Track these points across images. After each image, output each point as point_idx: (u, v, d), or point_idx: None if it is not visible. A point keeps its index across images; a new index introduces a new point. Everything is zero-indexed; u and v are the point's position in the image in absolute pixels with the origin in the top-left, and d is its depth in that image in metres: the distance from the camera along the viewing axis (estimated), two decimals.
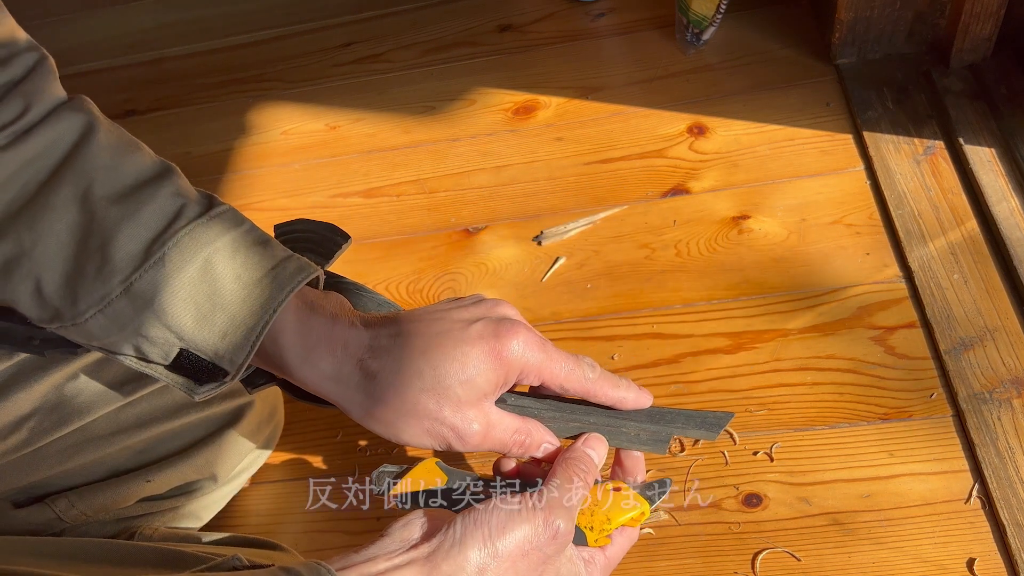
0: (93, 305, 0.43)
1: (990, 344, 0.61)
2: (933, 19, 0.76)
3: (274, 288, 0.44)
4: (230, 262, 0.44)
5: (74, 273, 0.43)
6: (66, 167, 0.43)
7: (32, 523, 0.55)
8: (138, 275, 0.43)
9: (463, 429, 0.45)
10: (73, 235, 0.43)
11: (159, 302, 0.43)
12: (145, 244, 0.43)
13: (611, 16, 0.93)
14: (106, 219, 0.43)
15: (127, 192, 0.43)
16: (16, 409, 0.53)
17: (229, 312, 0.44)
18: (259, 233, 0.46)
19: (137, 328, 0.44)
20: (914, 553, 0.54)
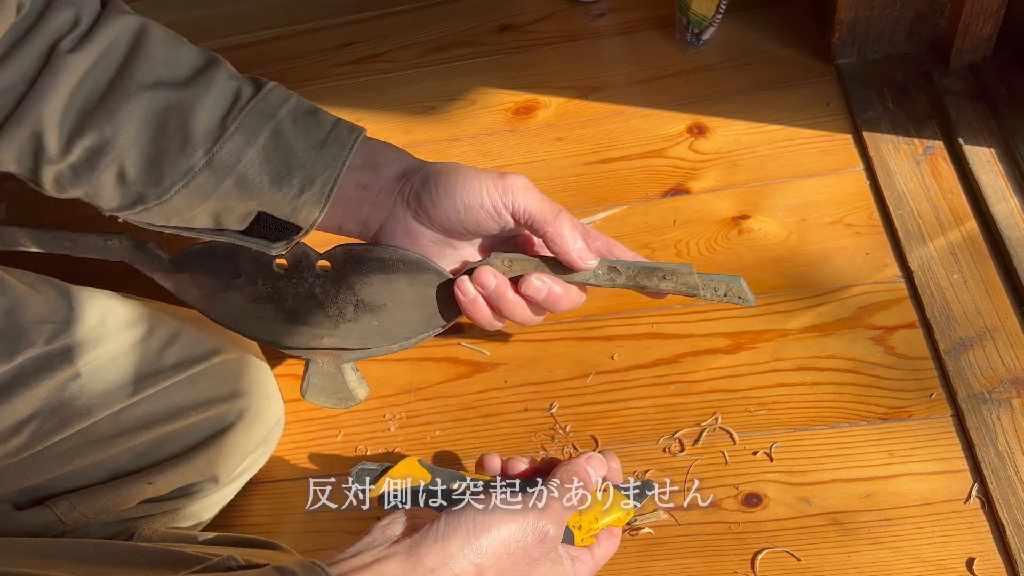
0: (178, 180, 0.49)
1: (989, 344, 0.61)
2: (933, 19, 0.76)
3: (337, 146, 0.50)
4: (295, 128, 0.50)
5: (155, 154, 0.49)
6: (131, 62, 0.48)
7: (33, 525, 0.56)
8: (219, 146, 0.48)
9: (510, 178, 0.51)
10: (150, 121, 0.48)
11: (239, 169, 0.49)
12: (219, 119, 0.49)
13: (611, 16, 0.93)
14: (180, 102, 0.48)
15: (190, 78, 0.49)
16: (17, 412, 0.53)
17: (304, 171, 0.50)
18: (306, 103, 0.52)
19: (220, 198, 0.50)
20: (913, 553, 0.54)
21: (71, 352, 0.55)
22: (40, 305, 0.55)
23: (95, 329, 0.57)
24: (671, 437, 0.62)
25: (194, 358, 0.60)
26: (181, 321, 0.62)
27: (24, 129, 0.47)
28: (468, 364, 0.69)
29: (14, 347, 0.53)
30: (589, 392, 0.65)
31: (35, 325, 0.54)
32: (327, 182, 0.50)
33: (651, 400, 0.64)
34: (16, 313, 0.54)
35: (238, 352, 0.63)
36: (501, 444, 0.64)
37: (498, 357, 0.69)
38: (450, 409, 0.67)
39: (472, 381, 0.68)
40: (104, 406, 0.56)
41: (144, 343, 0.59)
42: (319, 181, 0.50)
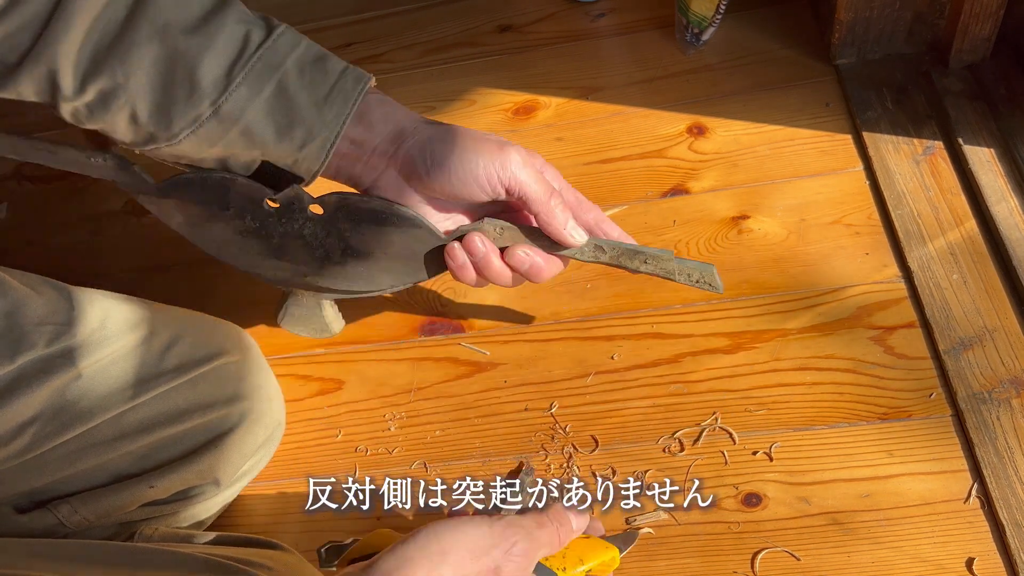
0: (186, 127, 0.50)
1: (989, 344, 0.61)
2: (932, 19, 0.76)
3: (340, 101, 0.51)
4: (300, 81, 0.51)
5: (165, 100, 0.49)
6: (140, 5, 0.48)
7: (35, 528, 0.56)
8: (224, 98, 0.49)
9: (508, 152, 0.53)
10: (159, 67, 0.49)
11: (244, 120, 0.50)
12: (226, 69, 0.49)
13: (611, 16, 0.93)
14: (188, 50, 0.49)
15: (199, 23, 0.49)
16: (18, 414, 0.53)
17: (305, 126, 0.51)
18: (316, 48, 0.52)
19: (226, 144, 0.52)
20: (913, 553, 0.54)
21: (72, 354, 0.55)
22: (41, 307, 0.55)
23: (96, 331, 0.57)
24: (671, 437, 0.62)
25: (195, 360, 0.60)
26: (183, 323, 0.62)
27: (41, 67, 0.48)
28: (468, 364, 0.69)
29: (15, 349, 0.53)
30: (589, 392, 0.65)
31: (36, 327, 0.55)
32: (328, 138, 0.52)
33: (651, 400, 0.64)
34: (17, 315, 0.54)
35: (239, 355, 0.63)
36: (501, 444, 0.64)
37: (498, 357, 0.69)
38: (450, 409, 0.67)
39: (472, 381, 0.68)
40: (105, 409, 0.56)
41: (145, 345, 0.59)
42: (320, 137, 0.51)
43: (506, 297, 0.72)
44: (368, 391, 0.69)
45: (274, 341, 0.73)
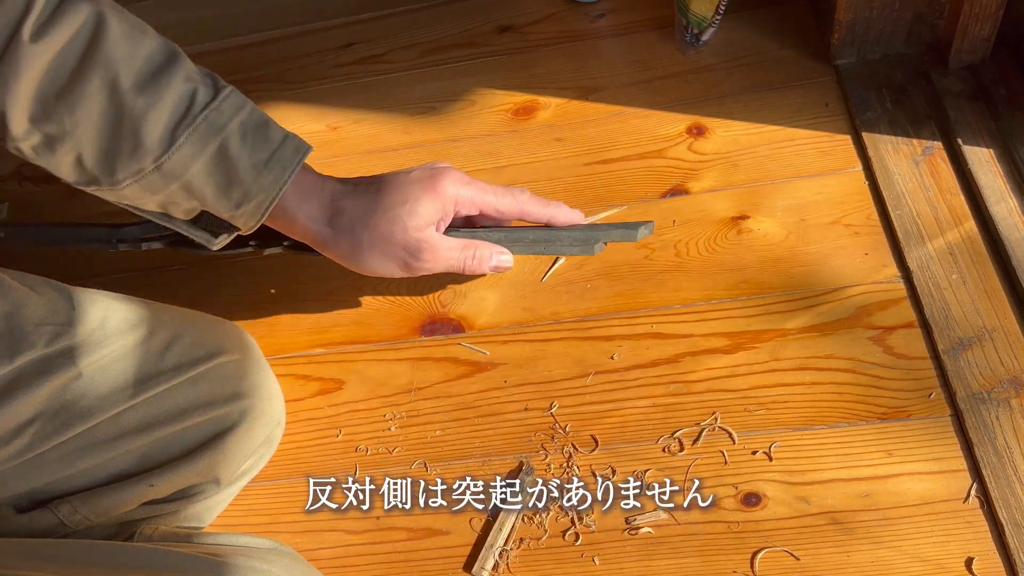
0: (129, 176, 0.52)
1: (988, 344, 0.61)
2: (932, 20, 0.76)
3: (279, 169, 0.54)
4: (242, 145, 0.53)
5: (110, 150, 0.51)
6: (90, 57, 0.49)
7: (35, 528, 0.56)
8: (167, 156, 0.51)
9: (413, 248, 0.57)
10: (106, 120, 0.50)
11: (186, 178, 0.52)
12: (170, 129, 0.51)
13: (611, 17, 0.93)
14: (134, 108, 0.50)
15: (147, 80, 0.51)
16: (18, 414, 0.53)
17: (243, 188, 0.54)
18: (259, 114, 0.55)
19: (167, 195, 0.54)
20: (912, 552, 0.54)
21: (72, 354, 0.55)
22: (41, 307, 0.56)
23: (96, 331, 0.57)
24: (671, 437, 0.62)
25: (195, 359, 0.60)
26: (182, 322, 0.62)
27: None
28: (468, 364, 0.69)
29: (15, 349, 0.53)
30: (589, 392, 0.65)
31: (36, 327, 0.55)
32: (263, 201, 0.54)
33: (651, 400, 0.64)
34: (16, 315, 0.54)
35: (239, 353, 0.63)
36: (501, 443, 0.64)
37: (498, 357, 0.69)
38: (450, 409, 0.67)
39: (472, 381, 0.68)
40: (105, 408, 0.56)
41: (145, 344, 0.59)
42: (255, 200, 0.54)
43: (506, 297, 0.72)
44: (368, 391, 0.69)
45: (274, 341, 0.73)
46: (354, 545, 0.61)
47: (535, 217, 0.61)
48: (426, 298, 0.74)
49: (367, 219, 0.57)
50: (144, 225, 0.69)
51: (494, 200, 0.59)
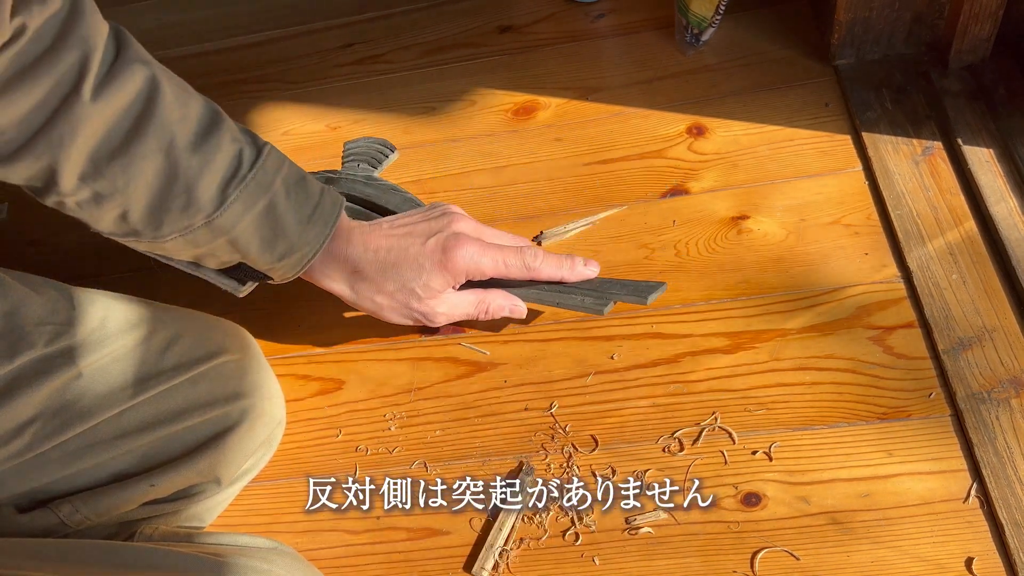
0: (175, 232, 0.54)
1: (988, 344, 0.61)
2: (932, 20, 0.76)
3: (321, 224, 0.57)
4: (287, 201, 0.56)
5: (159, 207, 0.52)
6: (147, 119, 0.51)
7: (36, 528, 0.56)
8: (219, 213, 0.53)
9: (429, 313, 0.62)
10: (159, 178, 0.52)
11: (234, 233, 0.54)
12: (222, 187, 0.53)
13: (611, 17, 0.93)
14: (189, 167, 0.52)
15: (199, 140, 0.52)
16: (18, 414, 0.53)
17: (289, 241, 0.56)
18: (296, 169, 0.58)
19: (208, 249, 0.55)
20: (912, 552, 0.54)
21: (72, 354, 0.55)
22: (41, 306, 0.56)
23: (96, 330, 0.57)
24: (670, 437, 0.62)
25: (196, 359, 0.60)
26: (182, 322, 0.62)
27: (41, 162, 0.49)
28: (468, 364, 0.69)
29: (15, 349, 0.53)
30: (589, 392, 0.65)
31: (36, 327, 0.55)
32: (307, 254, 0.57)
33: (651, 400, 0.64)
34: (17, 314, 0.54)
35: (240, 353, 0.63)
36: (501, 443, 0.64)
37: (498, 357, 0.69)
38: (450, 409, 0.67)
39: (472, 381, 0.68)
40: (105, 408, 0.56)
41: (145, 344, 0.59)
42: (299, 253, 0.57)
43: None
44: (368, 391, 0.69)
45: (274, 341, 0.73)
46: (354, 545, 0.62)
47: (547, 278, 0.64)
48: None
49: (384, 289, 0.60)
50: None
51: (505, 270, 0.62)
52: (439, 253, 0.60)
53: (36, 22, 0.47)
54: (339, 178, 0.74)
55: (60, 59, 0.47)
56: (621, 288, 0.64)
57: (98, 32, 0.50)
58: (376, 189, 0.72)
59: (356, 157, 0.77)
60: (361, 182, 0.73)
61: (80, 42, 0.48)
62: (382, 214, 0.70)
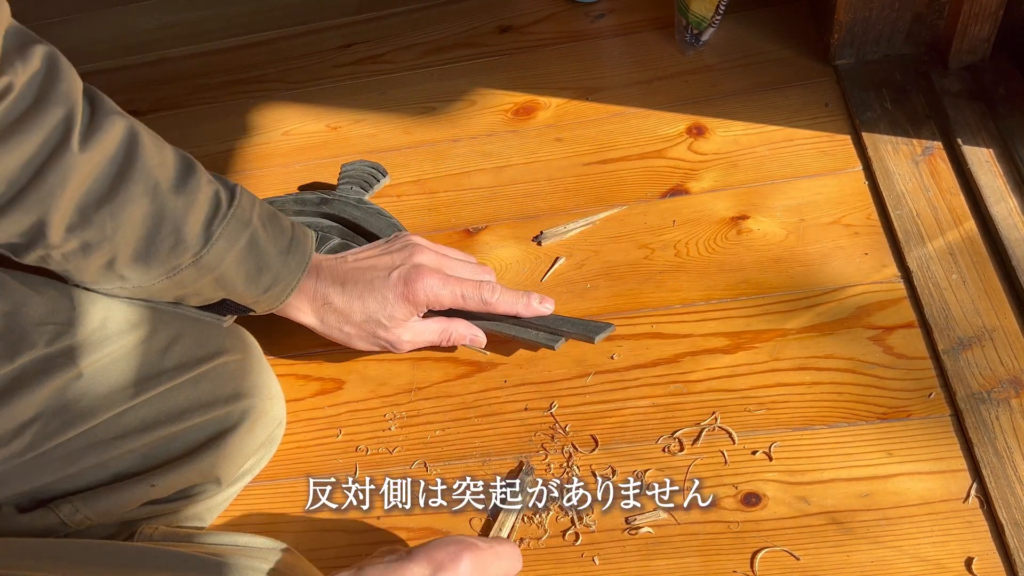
0: (163, 274, 0.55)
1: (988, 344, 0.61)
2: (932, 20, 0.76)
3: (300, 253, 0.60)
4: (266, 234, 0.58)
5: (147, 252, 0.54)
6: (130, 166, 0.52)
7: (36, 528, 0.56)
8: (206, 250, 0.55)
9: (394, 340, 0.64)
10: (147, 222, 0.53)
11: (220, 270, 0.56)
12: (206, 225, 0.55)
13: (611, 17, 0.93)
14: (175, 208, 0.54)
15: (180, 183, 0.54)
16: (19, 414, 0.53)
17: (272, 272, 0.58)
18: (267, 205, 0.60)
19: (195, 289, 0.57)
20: (912, 552, 0.54)
21: (73, 354, 0.55)
22: (42, 306, 0.56)
23: (97, 331, 0.57)
24: (670, 437, 0.62)
25: (196, 359, 0.60)
26: (183, 322, 0.62)
27: (30, 216, 0.50)
28: (468, 364, 0.69)
29: (15, 349, 0.53)
30: (589, 392, 0.65)
31: (36, 327, 0.55)
32: (290, 283, 0.60)
33: (651, 400, 0.64)
34: (18, 314, 0.54)
35: (240, 353, 0.64)
36: (501, 443, 0.64)
37: (498, 357, 0.69)
38: (450, 409, 0.67)
39: (472, 381, 0.68)
40: (106, 408, 0.56)
41: (146, 344, 0.59)
42: (283, 282, 0.59)
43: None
44: (368, 391, 0.69)
45: (274, 341, 0.73)
46: (354, 545, 0.62)
47: (503, 312, 0.65)
48: None
49: (352, 320, 0.63)
50: None
51: (463, 302, 0.64)
52: (401, 285, 0.62)
53: (21, 80, 0.48)
54: (333, 199, 0.77)
55: (47, 114, 0.49)
56: (572, 326, 0.66)
57: (76, 88, 0.51)
58: (364, 212, 0.76)
59: (349, 180, 0.80)
60: (352, 205, 0.77)
61: (63, 97, 0.50)
62: (366, 236, 0.75)
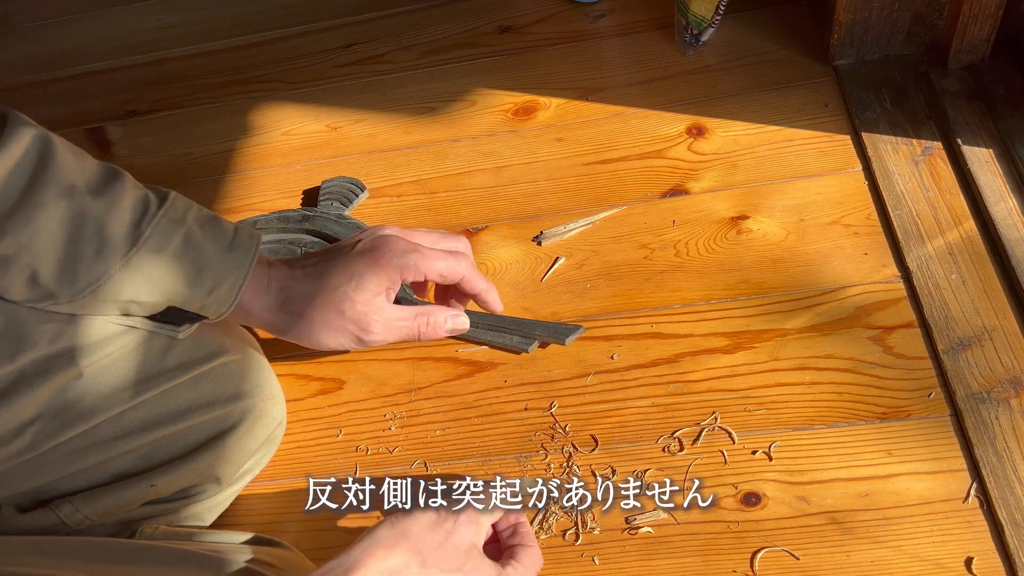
0: (92, 283, 0.51)
1: (988, 344, 0.61)
2: (931, 20, 0.76)
3: (243, 251, 0.55)
4: (203, 233, 0.54)
5: (71, 258, 0.50)
6: (43, 170, 0.49)
7: (36, 527, 0.56)
8: (135, 251, 0.51)
9: (364, 321, 0.57)
10: (65, 226, 0.50)
11: (154, 270, 0.52)
12: (134, 225, 0.51)
13: (611, 17, 0.93)
14: (96, 209, 0.50)
15: (101, 186, 0.51)
16: (20, 414, 0.53)
17: (214, 272, 0.54)
18: (204, 209, 0.57)
19: (131, 296, 0.53)
20: (912, 552, 0.54)
21: (73, 354, 0.55)
22: None
23: (98, 331, 0.57)
24: (670, 436, 0.62)
25: (197, 359, 0.60)
26: None
27: None
28: (468, 364, 0.69)
29: (16, 349, 0.53)
30: (589, 392, 0.66)
31: (37, 326, 0.55)
32: (236, 281, 0.55)
33: (650, 400, 0.64)
34: (18, 314, 0.54)
35: (241, 353, 0.64)
36: (501, 443, 0.64)
37: (498, 357, 0.69)
38: (450, 408, 0.67)
39: (472, 381, 0.68)
40: (107, 408, 0.56)
41: (146, 345, 0.59)
42: (228, 282, 0.55)
43: (506, 297, 0.72)
44: (368, 391, 0.69)
45: (274, 341, 0.73)
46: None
47: (471, 286, 0.61)
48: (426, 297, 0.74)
49: (316, 299, 0.57)
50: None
51: (437, 267, 0.59)
52: (369, 253, 0.57)
53: None
54: (314, 216, 0.78)
55: None
56: (544, 329, 0.67)
57: None
58: (344, 227, 0.77)
59: (330, 196, 0.81)
60: (333, 220, 0.78)
61: None
62: None
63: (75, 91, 1.02)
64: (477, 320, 0.68)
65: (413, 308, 0.60)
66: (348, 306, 0.57)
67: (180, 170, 0.90)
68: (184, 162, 0.91)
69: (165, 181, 0.89)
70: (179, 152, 0.92)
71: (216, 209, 0.85)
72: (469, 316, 0.64)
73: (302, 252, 0.77)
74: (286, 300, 0.58)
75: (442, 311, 0.61)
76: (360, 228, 0.77)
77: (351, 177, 0.82)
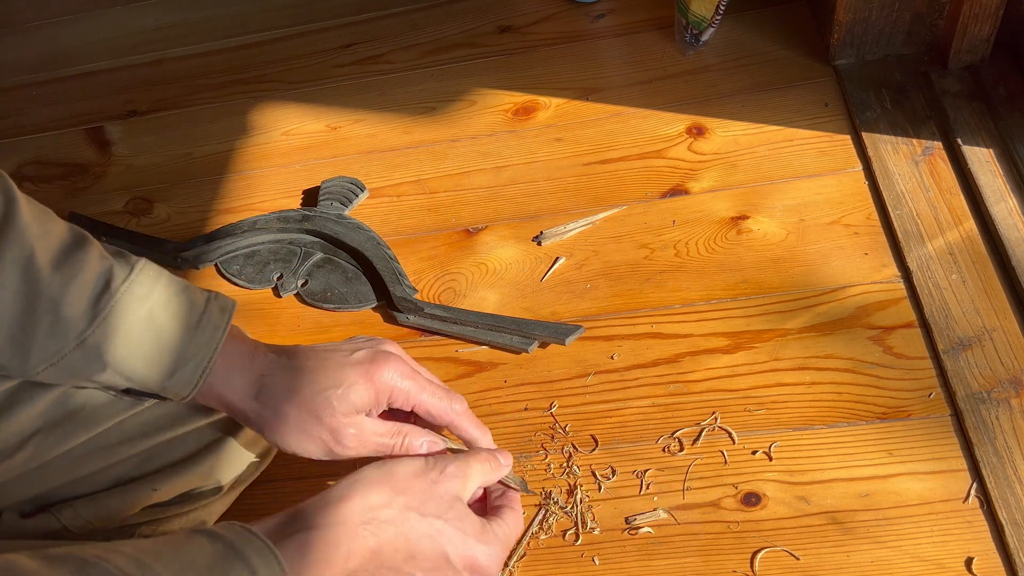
0: (45, 360, 0.48)
1: (988, 344, 0.61)
2: (931, 20, 0.76)
3: (211, 329, 0.51)
4: (167, 311, 0.50)
5: (22, 333, 0.47)
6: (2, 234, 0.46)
7: (38, 532, 0.55)
8: (91, 331, 0.48)
9: (339, 432, 0.52)
10: (19, 300, 0.46)
11: (111, 352, 0.49)
12: (92, 302, 0.48)
13: (611, 17, 0.93)
14: (52, 283, 0.47)
15: (61, 257, 0.48)
16: (21, 426, 0.52)
17: (176, 355, 0.50)
18: (177, 280, 0.52)
19: (88, 375, 0.50)
20: (912, 552, 0.54)
21: None
22: None
23: None
24: (671, 436, 0.62)
25: None
26: None
27: None
28: (468, 364, 0.69)
29: None
30: (589, 392, 0.65)
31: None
32: (200, 363, 0.51)
33: (651, 400, 0.64)
34: None
35: None
36: (501, 443, 0.64)
37: (498, 357, 0.69)
38: None
39: (472, 381, 0.68)
40: (108, 416, 0.56)
41: None
42: (191, 363, 0.50)
43: (506, 297, 0.72)
44: None
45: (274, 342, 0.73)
46: None
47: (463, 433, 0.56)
48: (425, 297, 0.74)
49: (295, 396, 0.52)
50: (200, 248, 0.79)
51: (430, 403, 0.54)
52: (366, 364, 0.53)
53: None
54: (314, 215, 0.79)
55: None
56: (544, 329, 0.67)
57: None
58: (344, 227, 0.78)
59: (330, 196, 0.81)
60: (333, 220, 0.78)
61: None
62: (347, 250, 0.77)
63: (75, 91, 1.02)
64: (477, 320, 0.68)
65: (392, 425, 0.54)
66: (328, 413, 0.52)
67: (180, 170, 0.90)
68: (184, 162, 0.91)
69: (165, 181, 0.89)
70: (179, 152, 0.92)
71: (216, 209, 0.85)
72: (469, 316, 0.63)
73: (302, 252, 0.77)
74: (263, 389, 0.52)
75: (420, 433, 0.55)
76: (360, 228, 0.77)
77: (351, 177, 0.83)
